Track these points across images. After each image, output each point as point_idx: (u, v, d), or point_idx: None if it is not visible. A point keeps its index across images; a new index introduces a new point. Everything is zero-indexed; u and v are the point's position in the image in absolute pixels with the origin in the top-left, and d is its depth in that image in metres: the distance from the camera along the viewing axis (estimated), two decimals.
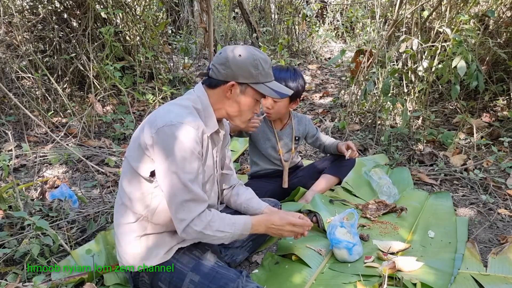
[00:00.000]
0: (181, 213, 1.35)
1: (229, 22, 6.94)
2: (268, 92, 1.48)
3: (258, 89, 1.47)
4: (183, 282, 1.41)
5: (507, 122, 3.45)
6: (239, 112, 1.51)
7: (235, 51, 1.44)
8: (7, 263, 1.78)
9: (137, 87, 4.04)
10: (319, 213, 2.10)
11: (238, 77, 1.44)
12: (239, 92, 1.47)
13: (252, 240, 1.83)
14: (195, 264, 1.44)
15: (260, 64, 1.45)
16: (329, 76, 5.70)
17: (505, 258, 1.81)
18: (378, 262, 1.75)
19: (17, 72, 3.63)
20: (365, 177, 2.70)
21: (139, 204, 1.43)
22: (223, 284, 1.36)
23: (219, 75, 1.45)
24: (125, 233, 1.46)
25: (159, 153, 1.34)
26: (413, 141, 3.29)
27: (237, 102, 1.48)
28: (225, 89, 1.46)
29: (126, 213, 1.46)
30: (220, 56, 1.46)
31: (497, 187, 2.64)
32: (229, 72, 1.44)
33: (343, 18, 7.54)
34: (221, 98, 1.48)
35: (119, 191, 1.50)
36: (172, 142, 1.32)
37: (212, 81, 1.48)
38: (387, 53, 3.51)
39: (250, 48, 1.47)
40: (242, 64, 1.43)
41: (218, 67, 1.45)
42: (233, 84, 1.45)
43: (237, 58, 1.43)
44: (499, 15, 3.67)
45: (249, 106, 1.50)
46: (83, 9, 3.89)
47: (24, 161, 3.00)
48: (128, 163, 1.44)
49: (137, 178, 1.42)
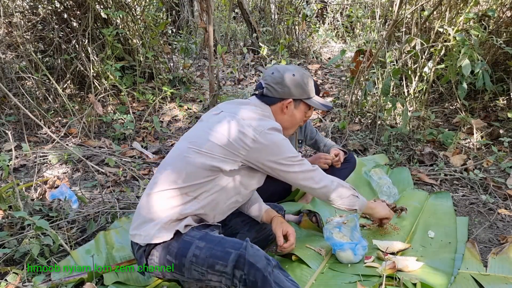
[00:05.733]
0: (319, 183, 1.62)
1: (229, 22, 6.94)
2: (318, 106, 1.71)
3: (310, 103, 1.70)
4: (189, 250, 1.41)
5: (507, 122, 3.45)
6: (292, 124, 1.72)
7: (288, 71, 1.65)
8: (7, 263, 1.78)
9: (137, 87, 4.04)
10: (319, 213, 2.11)
11: (294, 94, 1.65)
12: (293, 107, 1.68)
13: (255, 243, 1.83)
14: (202, 235, 1.45)
15: (309, 81, 1.68)
16: (329, 76, 5.70)
17: (505, 258, 1.81)
18: (378, 262, 1.75)
19: (17, 72, 3.63)
20: (365, 177, 2.70)
21: (200, 186, 1.49)
22: (228, 247, 1.36)
23: (275, 94, 1.64)
24: (165, 214, 1.47)
25: (269, 152, 1.51)
26: (413, 141, 3.29)
27: (292, 116, 1.69)
28: (282, 106, 1.65)
29: (178, 196, 1.49)
30: (274, 76, 1.64)
31: (497, 187, 2.64)
32: (286, 90, 1.64)
33: (343, 18, 7.55)
34: (277, 113, 1.67)
35: (171, 178, 1.51)
36: (277, 141, 1.52)
37: (269, 99, 1.65)
38: (387, 53, 3.51)
39: (297, 66, 1.71)
40: (297, 83, 1.65)
41: (275, 86, 1.63)
42: (291, 101, 1.65)
43: (292, 77, 1.64)
44: (499, 15, 3.67)
45: (300, 118, 1.73)
46: (83, 9, 3.89)
47: (24, 161, 3.00)
48: (203, 155, 1.49)
49: (209, 169, 1.48)
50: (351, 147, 3.31)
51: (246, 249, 1.33)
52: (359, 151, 3.28)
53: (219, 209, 1.57)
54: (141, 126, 3.75)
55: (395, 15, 3.40)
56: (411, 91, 3.52)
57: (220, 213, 1.59)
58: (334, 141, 3.34)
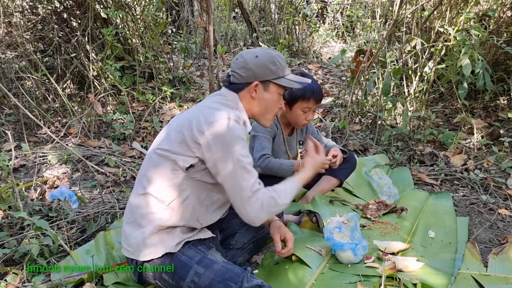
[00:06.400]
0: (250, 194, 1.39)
1: (229, 22, 6.93)
2: (290, 84, 1.57)
3: (280, 83, 1.56)
4: (187, 274, 1.41)
5: (507, 122, 3.45)
6: (265, 110, 1.59)
7: (251, 54, 1.54)
8: (7, 263, 1.77)
9: (137, 87, 4.04)
10: (319, 213, 2.10)
11: (259, 76, 1.53)
12: (263, 90, 1.56)
13: (253, 242, 1.84)
14: (200, 258, 1.44)
15: (277, 60, 1.54)
16: (329, 76, 5.69)
17: (506, 258, 1.81)
18: (378, 263, 1.75)
19: (17, 72, 3.63)
20: (366, 177, 2.70)
21: (168, 195, 1.45)
22: (228, 278, 1.36)
23: (241, 79, 1.54)
24: (144, 222, 1.46)
25: (217, 147, 1.39)
26: (413, 141, 3.29)
27: (262, 100, 1.57)
28: (250, 90, 1.55)
29: (151, 203, 1.47)
30: (238, 61, 1.55)
31: (498, 187, 2.64)
32: (250, 73, 1.53)
33: (343, 18, 7.54)
34: (247, 100, 1.56)
35: (141, 182, 1.50)
36: (227, 135, 1.39)
37: (235, 86, 1.56)
38: (388, 53, 3.50)
39: (263, 48, 1.58)
40: (261, 63, 1.52)
41: (239, 72, 1.54)
42: (257, 83, 1.54)
43: (255, 59, 1.52)
44: (500, 14, 3.67)
45: (274, 102, 1.59)
46: (83, 9, 3.89)
47: (24, 161, 3.00)
48: (162, 156, 1.45)
49: (170, 170, 1.44)
50: (351, 147, 3.31)
51: (243, 283, 1.34)
52: (359, 151, 3.28)
53: (200, 212, 1.51)
54: (141, 126, 3.74)
55: (396, 15, 3.39)
56: (411, 91, 3.52)
57: (203, 216, 1.53)
58: (334, 141, 3.34)
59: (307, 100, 2.13)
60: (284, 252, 1.66)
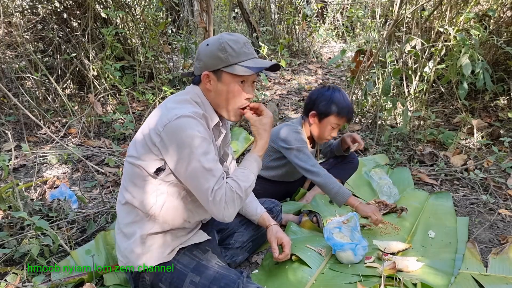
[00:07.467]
0: (211, 195, 1.31)
1: (229, 22, 6.93)
2: (241, 71, 1.39)
3: (230, 71, 1.40)
4: (183, 283, 1.41)
5: (507, 122, 3.45)
6: (226, 101, 1.45)
7: (204, 43, 1.44)
8: (7, 263, 1.77)
9: (137, 87, 4.04)
10: (319, 213, 2.10)
11: (209, 66, 1.42)
12: (216, 80, 1.43)
13: (252, 240, 1.84)
14: (195, 265, 1.44)
15: (228, 45, 1.39)
16: (329, 76, 5.69)
17: (506, 258, 1.81)
18: (378, 263, 1.75)
19: (17, 72, 3.63)
20: (366, 177, 2.70)
21: (145, 203, 1.43)
22: (223, 285, 1.36)
23: (196, 71, 1.47)
24: (129, 232, 1.46)
25: (173, 148, 1.32)
26: (413, 141, 3.29)
27: (218, 91, 1.44)
28: (204, 82, 1.44)
29: (131, 212, 1.46)
30: (196, 53, 1.47)
31: (498, 187, 2.64)
32: (201, 64, 1.43)
33: (343, 17, 7.54)
34: (206, 91, 1.47)
35: (122, 191, 1.50)
36: (182, 135, 1.31)
37: (194, 79, 1.49)
38: (388, 53, 3.50)
39: (221, 34, 1.43)
40: (210, 52, 1.40)
41: (195, 63, 1.46)
42: (206, 74, 1.43)
43: (205, 48, 1.42)
44: (500, 14, 3.67)
45: (232, 92, 1.43)
46: (83, 9, 3.89)
47: (24, 161, 2.99)
48: (131, 163, 1.43)
49: (142, 177, 1.41)
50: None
51: (240, 287, 1.34)
52: (359, 151, 3.28)
53: (185, 212, 1.46)
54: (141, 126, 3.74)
55: (396, 15, 3.39)
56: (411, 91, 3.52)
57: (189, 214, 1.48)
58: None
59: (341, 118, 2.08)
60: (281, 257, 1.65)
